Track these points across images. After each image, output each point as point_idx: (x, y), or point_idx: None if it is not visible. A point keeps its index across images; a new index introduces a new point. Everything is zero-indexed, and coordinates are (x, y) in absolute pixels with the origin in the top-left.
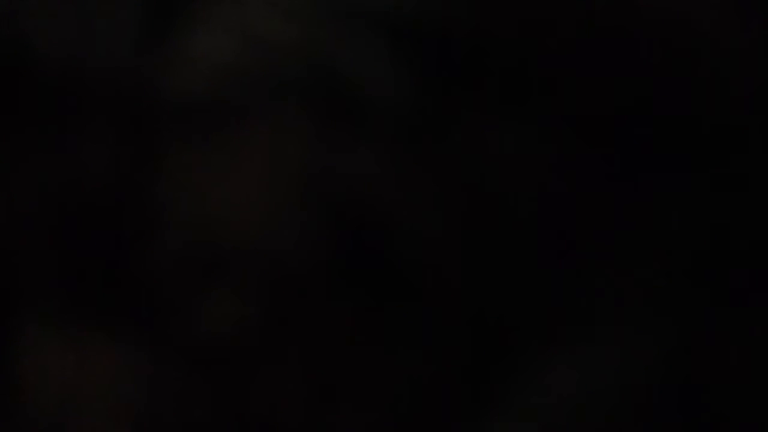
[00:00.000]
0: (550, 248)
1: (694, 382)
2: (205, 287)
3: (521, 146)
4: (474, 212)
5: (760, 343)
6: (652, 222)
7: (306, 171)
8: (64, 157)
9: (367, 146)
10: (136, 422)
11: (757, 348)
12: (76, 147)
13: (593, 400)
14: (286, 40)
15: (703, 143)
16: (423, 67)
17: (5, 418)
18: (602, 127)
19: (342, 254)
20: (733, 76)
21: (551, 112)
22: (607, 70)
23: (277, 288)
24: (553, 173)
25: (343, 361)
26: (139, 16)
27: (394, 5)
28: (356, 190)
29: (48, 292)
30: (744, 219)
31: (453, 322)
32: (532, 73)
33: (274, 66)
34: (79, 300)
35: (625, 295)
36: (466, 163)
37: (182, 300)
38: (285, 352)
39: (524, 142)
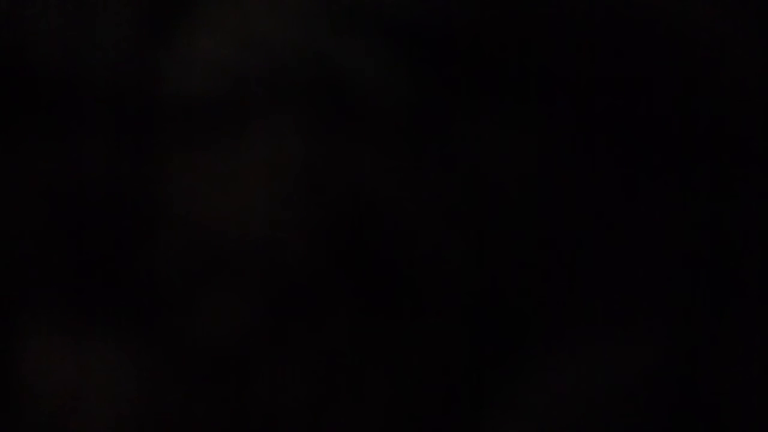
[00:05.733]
0: (550, 248)
1: (694, 382)
2: (205, 287)
3: (521, 146)
4: (474, 212)
5: (760, 343)
6: (652, 222)
7: (306, 171)
8: (65, 156)
9: (367, 146)
10: (136, 422)
11: (757, 348)
12: (77, 147)
13: (593, 400)
14: (286, 40)
15: (703, 143)
16: (423, 67)
17: (5, 418)
18: (602, 127)
19: (342, 253)
20: (733, 76)
21: (551, 112)
22: (606, 69)
23: (278, 288)
24: (553, 173)
25: (344, 360)
26: (139, 16)
27: (394, 5)
28: (356, 189)
29: (48, 292)
30: (743, 219)
31: (453, 321)
32: (531, 73)
33: (274, 66)
34: (80, 300)
35: (625, 295)
36: (465, 163)
37: (182, 300)
38: (285, 351)
39: (524, 141)
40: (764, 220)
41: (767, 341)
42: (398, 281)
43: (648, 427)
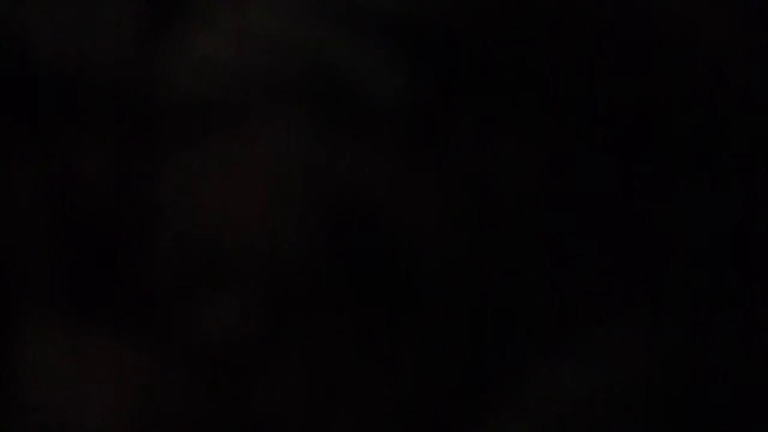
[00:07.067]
0: (550, 248)
1: (694, 382)
2: (205, 287)
3: (521, 146)
4: (474, 213)
5: (760, 343)
6: (652, 222)
7: (306, 171)
8: (64, 157)
9: (367, 146)
10: (136, 422)
11: (756, 348)
12: (76, 147)
13: (593, 400)
14: (286, 40)
15: (703, 143)
16: (423, 68)
17: (5, 418)
18: (602, 127)
19: (342, 254)
20: (733, 76)
21: (551, 113)
22: (606, 70)
23: (278, 288)
24: (553, 173)
25: (344, 360)
26: (139, 15)
27: (394, 5)
28: (356, 190)
29: (49, 292)
30: (743, 219)
31: (453, 322)
32: (531, 74)
33: (274, 66)
34: (80, 300)
35: (625, 295)
36: (465, 163)
37: (182, 300)
38: (285, 351)
39: (524, 142)
40: (764, 220)
41: (767, 341)
42: (398, 282)
43: (648, 426)
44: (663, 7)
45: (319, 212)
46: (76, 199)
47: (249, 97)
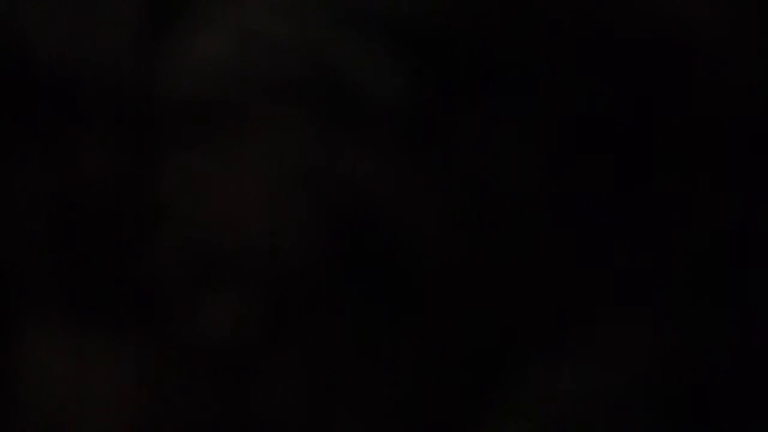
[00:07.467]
0: (550, 249)
1: (694, 382)
2: (205, 287)
3: (521, 146)
4: (474, 213)
5: (760, 343)
6: (652, 222)
7: (306, 170)
8: (64, 157)
9: (366, 146)
10: (136, 422)
11: (756, 348)
12: (76, 147)
13: (593, 400)
14: (286, 40)
15: (703, 143)
16: (423, 68)
17: (5, 418)
18: (602, 128)
19: (342, 254)
20: (733, 76)
21: (551, 113)
22: (606, 70)
23: (278, 287)
24: (553, 174)
25: (344, 360)
26: (139, 16)
27: (394, 5)
28: (356, 189)
29: (49, 292)
30: (744, 219)
31: (453, 322)
32: (531, 74)
33: (274, 66)
34: (80, 300)
35: (625, 295)
36: (465, 163)
37: (182, 300)
38: (286, 351)
39: (524, 142)
40: (765, 219)
41: (767, 341)
42: (398, 281)
43: (648, 426)
44: (663, 7)
45: (320, 212)
46: (76, 199)
47: (249, 97)
